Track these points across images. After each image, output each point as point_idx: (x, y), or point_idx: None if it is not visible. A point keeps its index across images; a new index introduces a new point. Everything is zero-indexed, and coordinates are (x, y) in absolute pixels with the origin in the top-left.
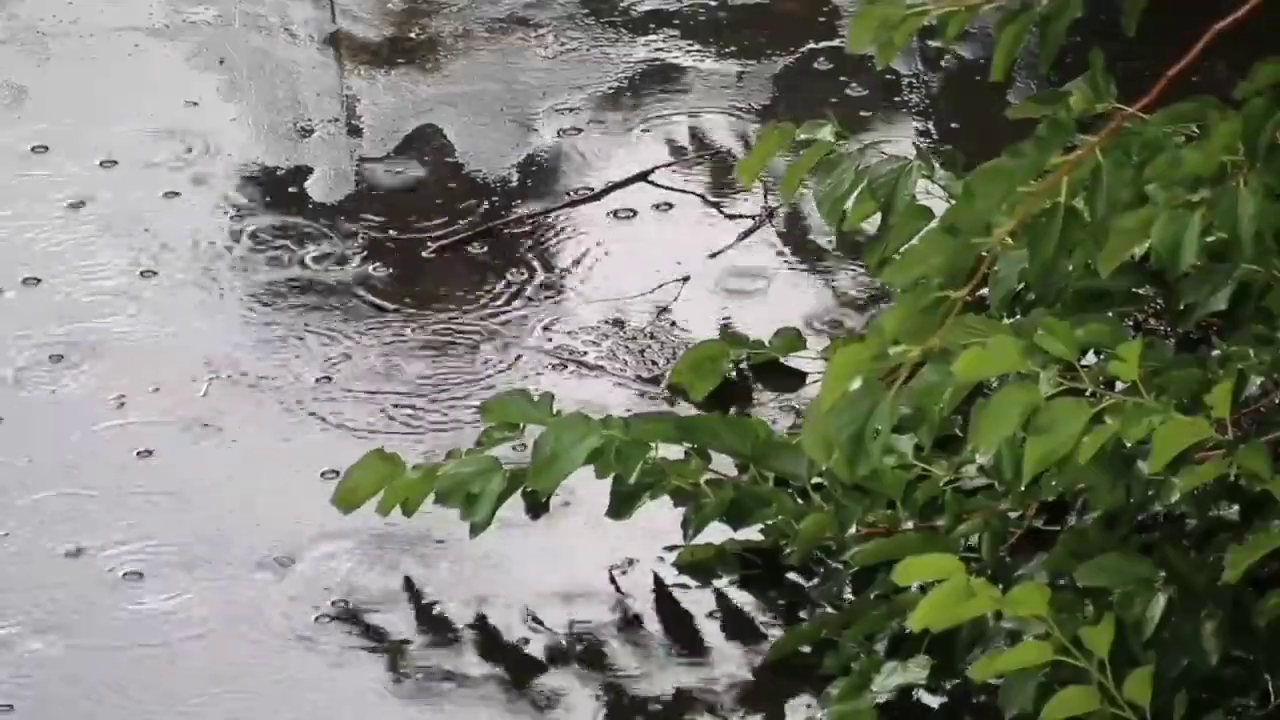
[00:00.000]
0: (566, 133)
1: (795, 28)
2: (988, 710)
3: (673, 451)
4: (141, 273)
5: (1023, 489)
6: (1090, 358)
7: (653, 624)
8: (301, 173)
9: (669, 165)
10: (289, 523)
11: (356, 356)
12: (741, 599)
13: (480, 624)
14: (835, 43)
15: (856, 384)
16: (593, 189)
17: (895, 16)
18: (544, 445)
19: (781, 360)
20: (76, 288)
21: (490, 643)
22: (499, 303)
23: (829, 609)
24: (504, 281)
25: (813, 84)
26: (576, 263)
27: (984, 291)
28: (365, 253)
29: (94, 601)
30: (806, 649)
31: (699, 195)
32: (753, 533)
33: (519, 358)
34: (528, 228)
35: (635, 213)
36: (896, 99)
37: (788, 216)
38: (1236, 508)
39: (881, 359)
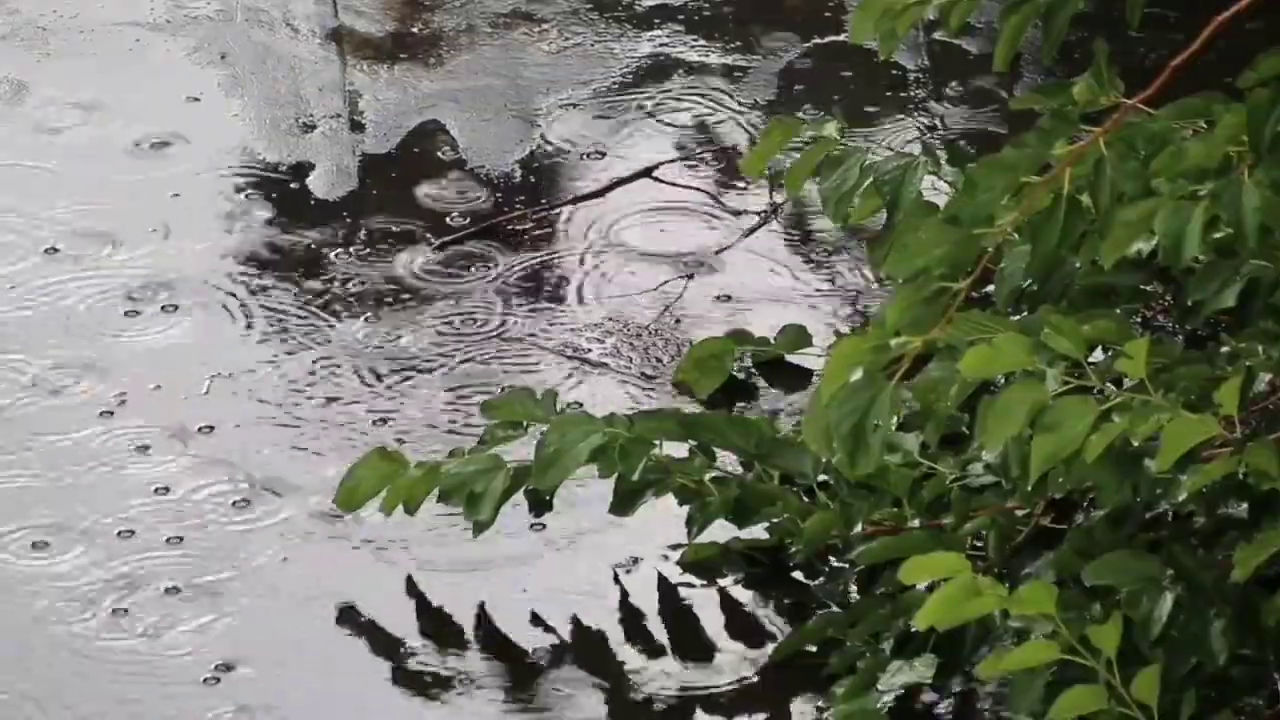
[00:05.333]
0: (570, 128)
1: (800, 22)
2: (994, 710)
3: (677, 449)
4: (144, 268)
5: (1030, 487)
6: (1098, 355)
7: (656, 623)
8: (303, 168)
9: (673, 161)
10: (288, 521)
11: (357, 352)
12: (746, 598)
13: (483, 623)
14: (840, 38)
15: (857, 375)
16: (597, 185)
17: (897, 6)
18: (547, 443)
19: (787, 357)
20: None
21: (493, 642)
22: (501, 300)
23: (834, 608)
24: (506, 279)
25: (817, 79)
26: (580, 260)
27: (990, 288)
28: (367, 249)
29: None
30: (812, 648)
31: (703, 191)
32: (758, 531)
33: (522, 355)
34: (531, 224)
35: (639, 209)
36: (902, 94)
37: (793, 213)
38: (1245, 506)
39: (882, 351)
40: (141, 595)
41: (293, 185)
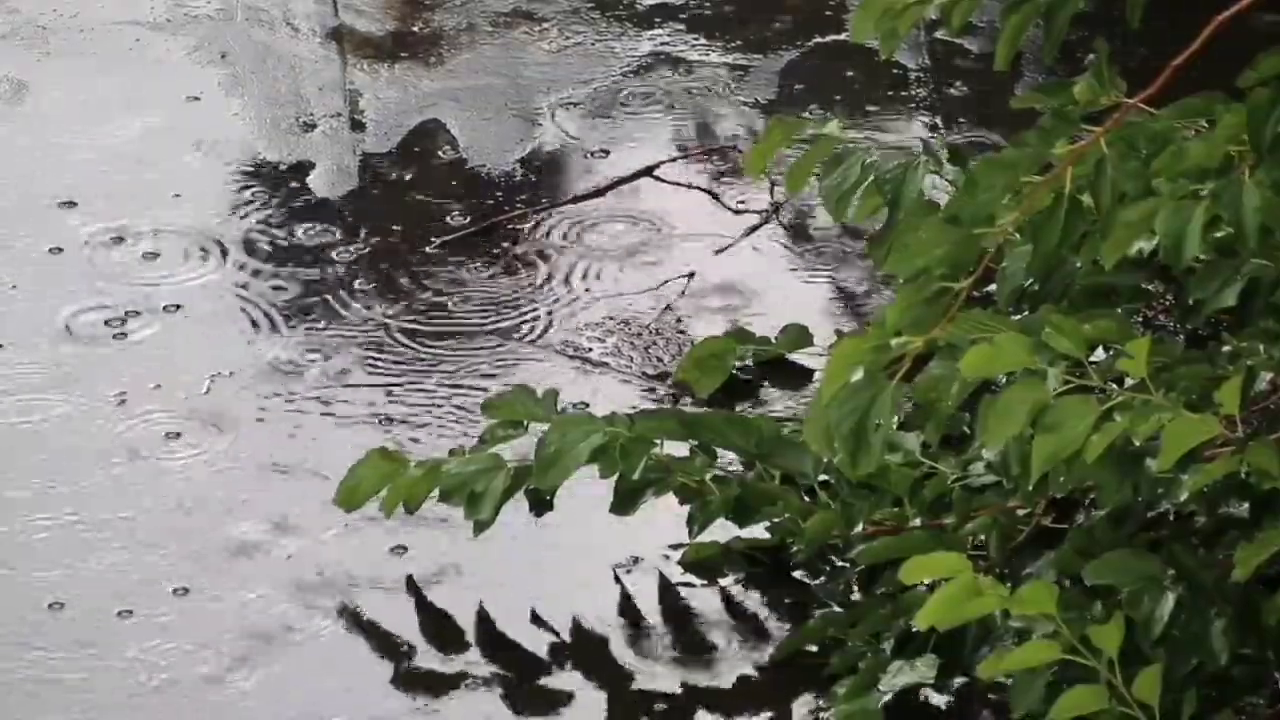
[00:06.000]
0: (570, 127)
1: (801, 21)
2: (995, 709)
3: (678, 449)
4: (145, 268)
5: (1030, 487)
6: (1099, 354)
7: (657, 623)
8: (304, 168)
9: (674, 160)
10: (290, 520)
11: (358, 352)
12: (747, 597)
13: (484, 623)
14: (842, 36)
15: (858, 375)
16: (597, 184)
17: (898, 6)
18: (548, 443)
19: (788, 357)
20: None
21: (494, 641)
22: (502, 299)
23: (835, 608)
24: (507, 278)
25: (819, 78)
26: (581, 259)
27: (991, 288)
28: (368, 248)
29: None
30: (813, 648)
31: (705, 190)
32: (759, 531)
33: (523, 354)
34: (531, 223)
35: (640, 208)
36: (903, 93)
37: (794, 212)
38: (1246, 505)
39: (883, 351)
40: (141, 595)
41: (293, 184)
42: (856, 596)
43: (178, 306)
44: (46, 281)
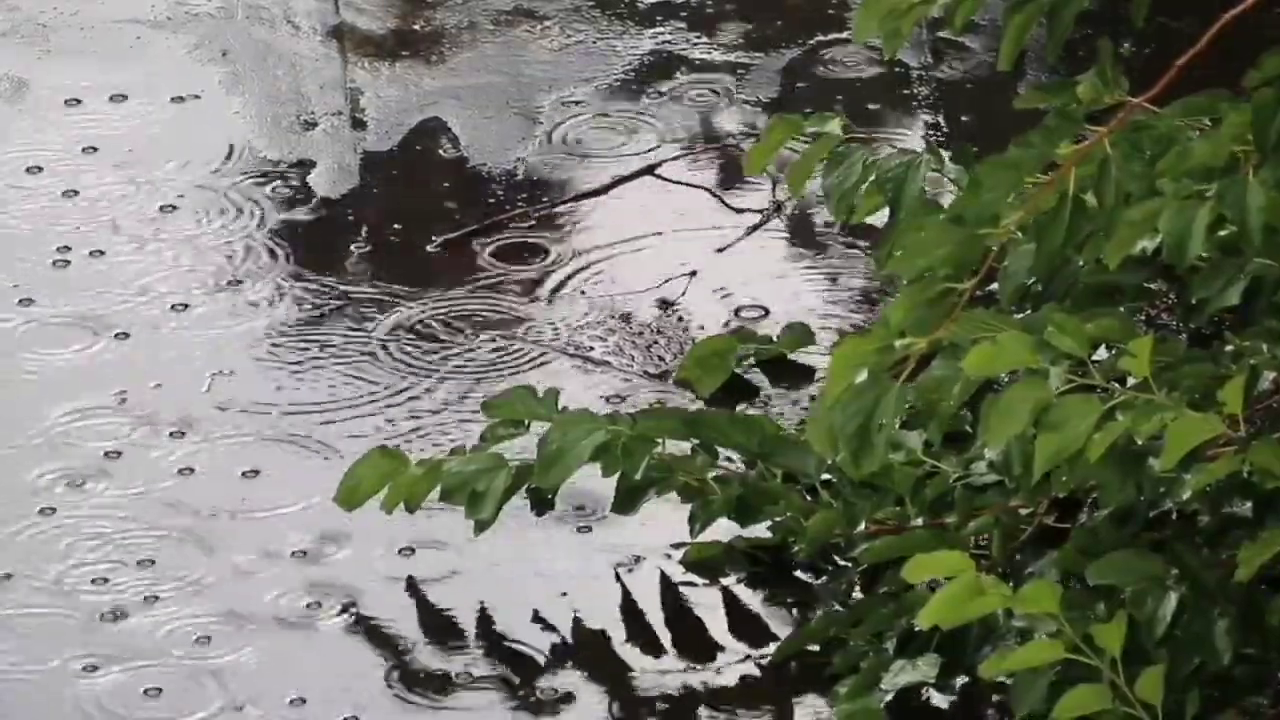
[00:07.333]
0: (572, 126)
1: (803, 20)
2: (997, 709)
3: (680, 447)
4: (146, 267)
5: (1033, 486)
6: (1101, 353)
7: (659, 622)
8: (305, 166)
9: (675, 159)
10: (296, 521)
11: (358, 351)
12: (749, 597)
13: (485, 622)
14: (843, 35)
15: (862, 376)
16: (598, 183)
17: (902, 5)
18: (549, 442)
19: (790, 356)
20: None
21: (495, 641)
22: (503, 297)
23: (837, 607)
24: (508, 276)
25: (821, 77)
26: (582, 257)
27: (993, 286)
28: (369, 247)
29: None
30: (814, 647)
31: (706, 189)
32: (760, 530)
33: (524, 352)
34: (533, 222)
35: (641, 207)
36: (905, 92)
37: (795, 210)
38: (1249, 505)
39: (887, 351)
40: (141, 594)
41: (294, 182)
42: (858, 596)
43: (185, 306)
44: (49, 282)
